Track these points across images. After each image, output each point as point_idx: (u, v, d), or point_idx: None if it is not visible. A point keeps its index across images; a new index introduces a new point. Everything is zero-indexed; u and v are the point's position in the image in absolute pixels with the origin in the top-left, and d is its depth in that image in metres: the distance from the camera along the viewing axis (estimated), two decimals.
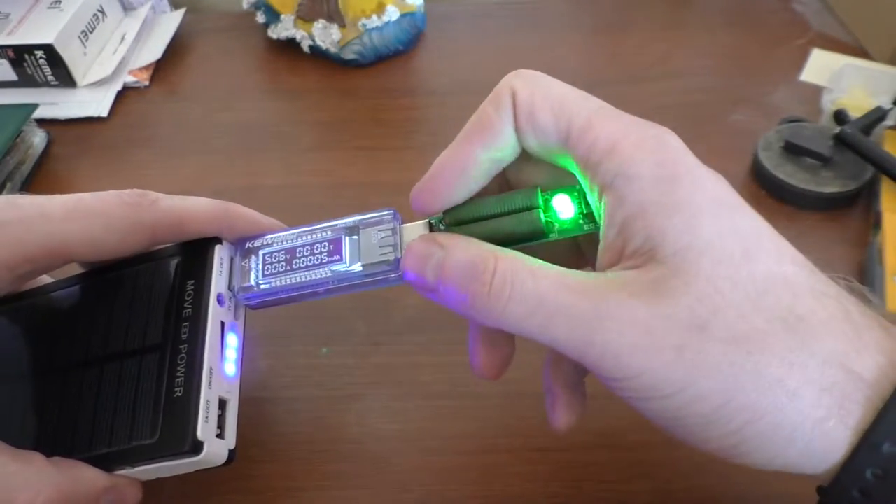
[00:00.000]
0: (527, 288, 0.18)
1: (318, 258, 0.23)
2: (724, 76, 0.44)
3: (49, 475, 0.20)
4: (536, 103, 0.19)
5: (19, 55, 0.44)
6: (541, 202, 0.21)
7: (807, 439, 0.17)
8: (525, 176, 0.22)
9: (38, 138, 0.42)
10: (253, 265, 0.23)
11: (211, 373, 0.22)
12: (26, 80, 0.45)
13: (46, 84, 0.45)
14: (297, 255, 0.23)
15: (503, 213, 0.21)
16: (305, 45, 0.47)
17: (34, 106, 0.41)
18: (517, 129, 0.20)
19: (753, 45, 0.46)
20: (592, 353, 0.18)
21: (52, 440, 0.22)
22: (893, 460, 0.17)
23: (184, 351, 0.22)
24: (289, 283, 0.23)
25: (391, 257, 0.22)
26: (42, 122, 0.42)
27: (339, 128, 0.43)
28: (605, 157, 0.18)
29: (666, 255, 0.18)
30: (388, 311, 0.32)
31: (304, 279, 0.22)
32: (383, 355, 0.30)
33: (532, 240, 0.21)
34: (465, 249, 0.19)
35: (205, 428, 0.21)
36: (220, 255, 0.24)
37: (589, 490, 0.26)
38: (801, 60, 0.44)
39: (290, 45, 0.48)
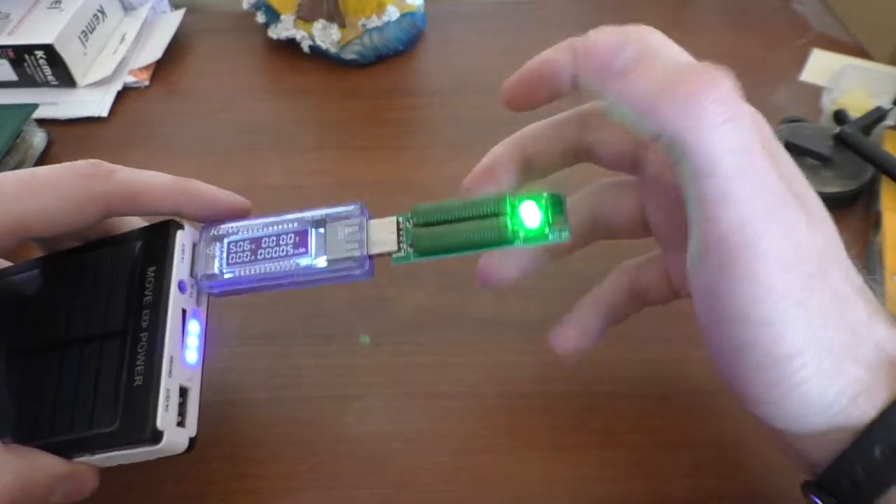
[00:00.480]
0: (750, 125, 0.18)
1: (283, 249, 0.22)
2: None
3: (6, 461, 0.20)
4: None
5: (19, 55, 0.44)
6: (507, 209, 0.21)
7: (842, 405, 0.18)
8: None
9: (38, 138, 0.42)
10: (217, 252, 0.23)
11: (171, 361, 0.22)
12: (26, 80, 0.45)
13: (46, 84, 0.45)
14: (263, 245, 0.23)
15: (469, 217, 0.21)
16: (305, 45, 0.47)
17: (34, 106, 0.41)
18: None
19: (753, 45, 0.46)
20: (748, 230, 0.17)
21: (8, 426, 0.22)
22: None
23: (144, 339, 0.22)
24: (253, 273, 0.23)
25: (356, 254, 0.22)
26: (42, 122, 0.42)
27: (339, 128, 0.43)
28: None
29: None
30: (388, 312, 0.32)
31: (268, 270, 0.22)
32: (383, 355, 0.30)
33: (496, 245, 0.21)
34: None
35: (164, 417, 0.21)
36: (182, 240, 0.23)
37: (589, 490, 0.26)
38: (801, 60, 0.44)
39: (290, 45, 0.48)
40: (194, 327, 0.23)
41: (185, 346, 0.22)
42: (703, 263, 0.18)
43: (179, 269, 0.23)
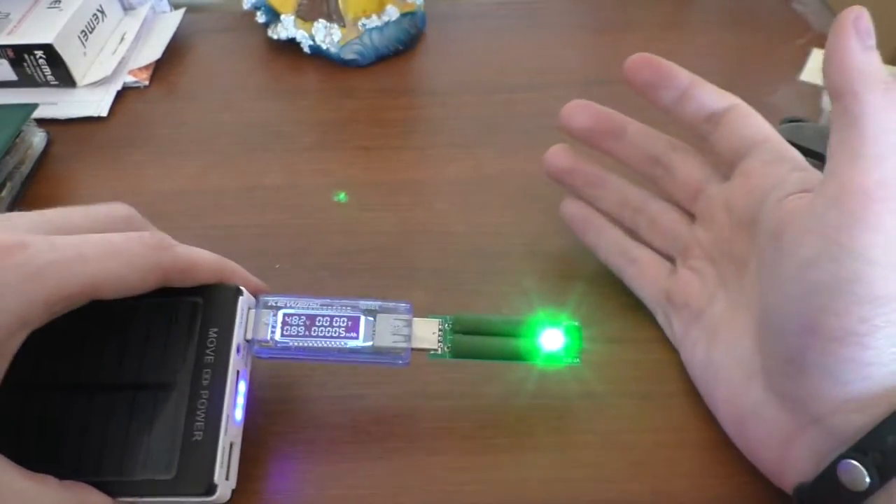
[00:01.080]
0: None
1: (335, 330, 0.25)
2: (724, 76, 0.43)
3: (65, 498, 0.21)
4: None
5: (19, 55, 0.44)
6: (530, 333, 0.26)
7: (880, 377, 0.20)
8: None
9: (38, 138, 0.42)
10: (271, 321, 0.25)
11: (227, 420, 0.23)
12: (26, 79, 0.45)
13: (46, 84, 0.45)
14: (317, 323, 0.25)
15: (502, 333, 0.26)
16: (305, 45, 0.47)
17: (34, 106, 0.41)
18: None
19: (753, 45, 0.46)
20: (882, 192, 0.20)
21: (55, 460, 0.22)
22: None
23: (205, 397, 0.23)
24: (305, 346, 0.25)
25: (402, 345, 0.25)
26: (42, 122, 0.42)
27: (339, 128, 0.43)
28: None
29: None
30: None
31: (319, 345, 0.25)
32: None
33: (519, 360, 0.26)
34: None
35: (220, 473, 0.23)
36: (242, 306, 0.25)
37: (589, 490, 0.26)
38: (801, 60, 0.44)
39: (290, 45, 0.48)
40: (242, 387, 0.25)
41: (234, 405, 0.24)
42: (834, 209, 0.21)
43: (238, 333, 0.24)
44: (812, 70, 0.43)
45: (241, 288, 0.25)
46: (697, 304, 0.28)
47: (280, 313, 0.25)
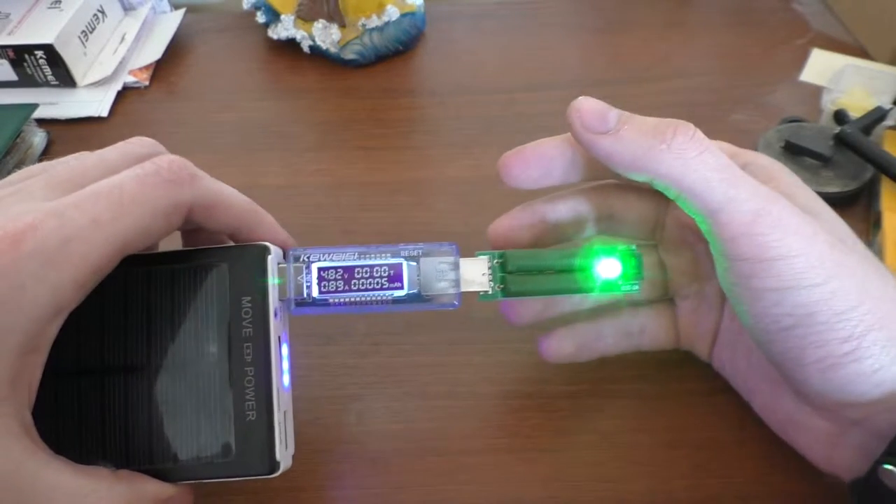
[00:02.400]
0: (718, 150, 0.21)
1: (377, 281, 0.23)
2: (724, 76, 0.44)
3: (119, 492, 0.20)
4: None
5: (19, 55, 0.44)
6: (588, 263, 0.24)
7: (891, 376, 0.20)
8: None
9: (38, 138, 0.42)
10: (305, 277, 0.23)
11: (278, 392, 0.22)
12: (26, 80, 0.45)
13: (46, 84, 0.45)
14: (356, 275, 0.23)
15: (555, 267, 0.24)
16: (305, 45, 0.47)
17: (34, 106, 0.41)
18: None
19: (753, 45, 0.46)
20: (765, 221, 0.20)
21: (100, 449, 0.21)
22: None
23: (250, 374, 0.22)
24: (345, 301, 0.23)
25: (451, 291, 0.23)
26: (42, 122, 0.42)
27: (339, 128, 0.43)
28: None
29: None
30: (387, 312, 0.32)
31: (361, 299, 0.23)
32: (383, 355, 0.30)
33: (576, 293, 0.24)
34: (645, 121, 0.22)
35: (281, 450, 0.22)
36: (272, 266, 0.23)
37: (589, 490, 0.26)
38: (801, 60, 0.44)
39: (290, 45, 0.48)
40: (284, 350, 0.23)
41: (281, 372, 0.23)
42: (738, 262, 0.21)
43: (274, 298, 0.22)
44: (812, 70, 0.43)
45: (268, 245, 0.23)
46: (709, 327, 0.27)
47: (314, 267, 0.23)
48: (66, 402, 0.22)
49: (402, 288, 0.23)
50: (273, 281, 0.22)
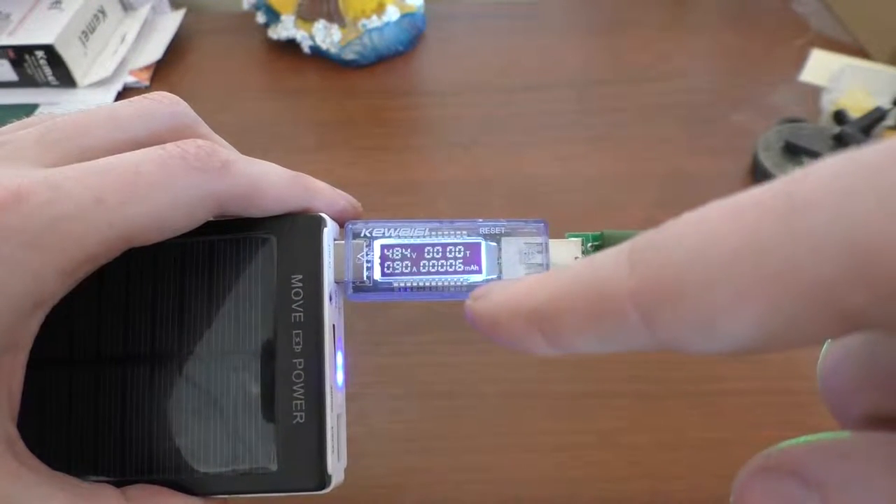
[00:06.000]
0: None
1: (451, 263, 0.19)
2: (724, 76, 0.44)
3: None
4: None
5: (20, 55, 0.44)
6: None
7: None
8: None
9: None
10: (365, 256, 0.19)
11: (331, 392, 0.18)
12: (27, 80, 0.45)
13: (47, 84, 0.45)
14: (426, 255, 0.19)
15: None
16: (305, 46, 0.47)
17: (34, 106, 0.41)
18: None
19: (753, 45, 0.46)
20: None
21: (122, 457, 0.18)
22: None
23: (300, 367, 0.18)
24: (412, 285, 0.19)
25: None
26: None
27: (339, 128, 0.43)
28: None
29: None
30: (388, 311, 0.32)
31: (432, 284, 0.19)
32: (383, 355, 0.30)
33: None
34: None
35: (332, 460, 0.18)
36: (328, 241, 0.19)
37: (589, 490, 0.26)
38: (800, 60, 0.44)
39: (290, 45, 0.48)
40: (339, 343, 0.19)
41: (335, 368, 0.19)
42: None
43: (328, 276, 0.19)
44: (812, 70, 0.43)
45: (324, 216, 0.19)
46: None
47: (376, 244, 0.19)
48: (82, 400, 0.18)
49: (479, 272, 0.19)
50: (327, 256, 0.19)
